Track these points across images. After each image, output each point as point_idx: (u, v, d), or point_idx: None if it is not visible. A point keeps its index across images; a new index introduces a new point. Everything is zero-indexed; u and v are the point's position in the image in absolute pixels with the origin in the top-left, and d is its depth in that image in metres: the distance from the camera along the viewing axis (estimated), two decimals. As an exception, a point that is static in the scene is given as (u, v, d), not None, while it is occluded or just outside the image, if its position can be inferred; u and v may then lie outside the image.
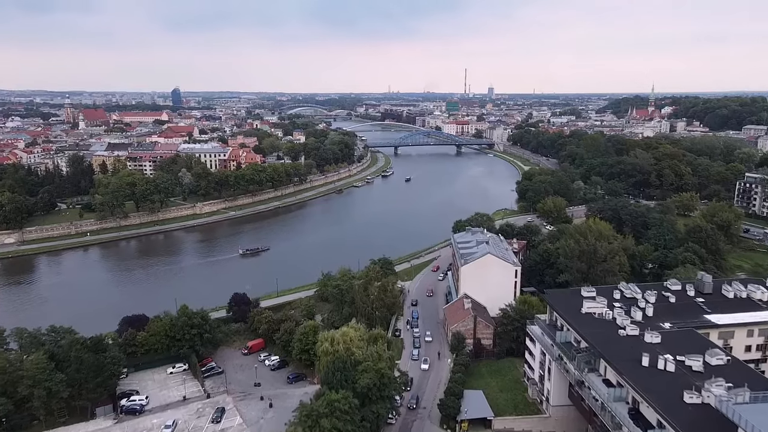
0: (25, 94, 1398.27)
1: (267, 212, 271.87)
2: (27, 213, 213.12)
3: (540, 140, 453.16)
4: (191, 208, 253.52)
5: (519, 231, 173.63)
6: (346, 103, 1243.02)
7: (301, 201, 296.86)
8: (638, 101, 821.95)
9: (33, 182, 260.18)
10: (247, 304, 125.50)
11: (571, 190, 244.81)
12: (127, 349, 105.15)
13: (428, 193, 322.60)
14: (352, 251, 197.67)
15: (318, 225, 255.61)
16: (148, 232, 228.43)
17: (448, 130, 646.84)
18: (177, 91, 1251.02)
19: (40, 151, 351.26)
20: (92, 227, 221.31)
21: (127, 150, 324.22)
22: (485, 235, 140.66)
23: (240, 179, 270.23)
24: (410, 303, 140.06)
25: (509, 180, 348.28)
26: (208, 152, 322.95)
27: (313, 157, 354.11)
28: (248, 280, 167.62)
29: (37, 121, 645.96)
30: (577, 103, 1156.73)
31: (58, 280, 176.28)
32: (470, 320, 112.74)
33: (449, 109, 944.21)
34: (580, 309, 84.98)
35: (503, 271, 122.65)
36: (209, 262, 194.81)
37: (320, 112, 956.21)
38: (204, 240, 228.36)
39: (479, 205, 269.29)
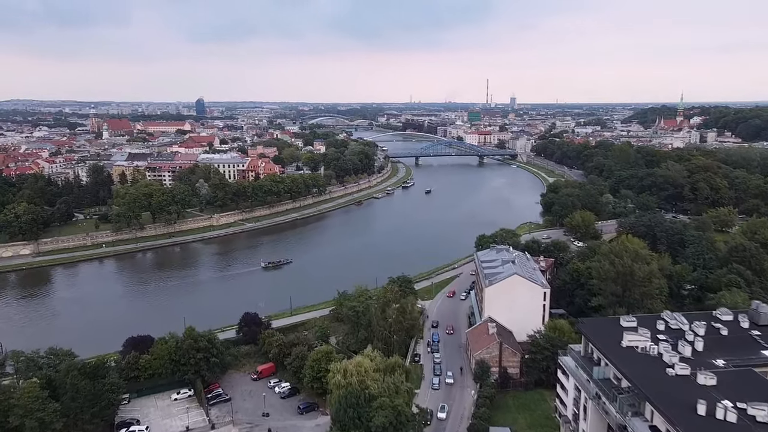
0: (56, 104, 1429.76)
1: (285, 224, 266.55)
2: (43, 224, 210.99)
3: (565, 151, 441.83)
4: (208, 219, 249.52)
5: (546, 248, 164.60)
6: (368, 113, 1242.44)
7: (320, 213, 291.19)
8: (665, 111, 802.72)
9: (52, 192, 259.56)
10: (258, 325, 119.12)
11: (599, 203, 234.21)
12: (130, 373, 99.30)
13: (449, 205, 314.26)
14: (370, 266, 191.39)
15: (336, 238, 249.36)
16: (164, 244, 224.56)
17: (470, 140, 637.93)
18: (201, 101, 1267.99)
19: (62, 160, 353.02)
20: (108, 239, 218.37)
21: (146, 160, 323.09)
22: (511, 253, 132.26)
23: (258, 190, 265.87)
24: (430, 324, 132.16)
25: (533, 192, 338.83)
26: (226, 162, 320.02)
27: (332, 168, 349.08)
28: (263, 296, 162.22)
29: (63, 130, 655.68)
30: (602, 113, 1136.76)
31: (70, 294, 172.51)
32: (495, 347, 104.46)
33: (471, 119, 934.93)
34: (620, 341, 76.19)
35: (531, 294, 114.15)
36: (228, 276, 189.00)
37: (341, 122, 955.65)
38: (221, 252, 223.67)
39: (502, 218, 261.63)
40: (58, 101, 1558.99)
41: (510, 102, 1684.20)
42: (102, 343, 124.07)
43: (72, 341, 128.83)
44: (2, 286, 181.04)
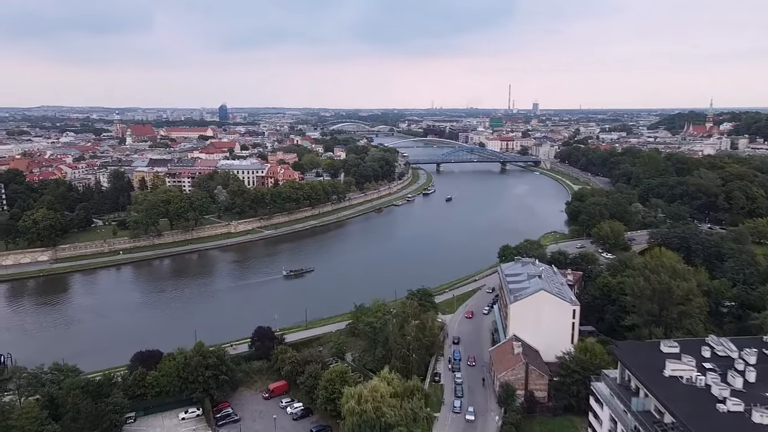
0: (84, 111, 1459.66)
1: (304, 231, 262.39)
2: (61, 230, 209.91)
3: (590, 157, 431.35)
4: (226, 226, 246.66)
5: (573, 260, 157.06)
6: (389, 119, 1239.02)
7: (340, 220, 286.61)
8: (693, 117, 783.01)
9: (73, 198, 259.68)
10: (271, 340, 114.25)
11: (628, 213, 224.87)
12: (136, 390, 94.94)
13: (471, 213, 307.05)
14: (390, 276, 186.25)
15: (356, 246, 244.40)
16: (181, 251, 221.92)
17: (492, 146, 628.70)
18: (224, 107, 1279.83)
19: (85, 166, 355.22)
20: (125, 245, 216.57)
21: (167, 166, 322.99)
22: (537, 267, 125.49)
23: (276, 197, 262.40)
24: (451, 341, 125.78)
25: (557, 200, 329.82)
26: (246, 169, 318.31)
27: (352, 174, 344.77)
28: (280, 307, 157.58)
29: (89, 136, 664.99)
30: (627, 119, 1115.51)
31: (86, 302, 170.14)
32: (521, 368, 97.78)
33: (493, 125, 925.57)
34: (661, 370, 69.18)
35: (559, 311, 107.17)
36: (247, 285, 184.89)
37: (362, 128, 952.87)
38: (238, 260, 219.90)
39: (526, 227, 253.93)
40: (86, 107, 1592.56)
41: (532, 108, 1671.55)
42: (111, 356, 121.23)
43: (82, 352, 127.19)
44: (20, 293, 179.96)
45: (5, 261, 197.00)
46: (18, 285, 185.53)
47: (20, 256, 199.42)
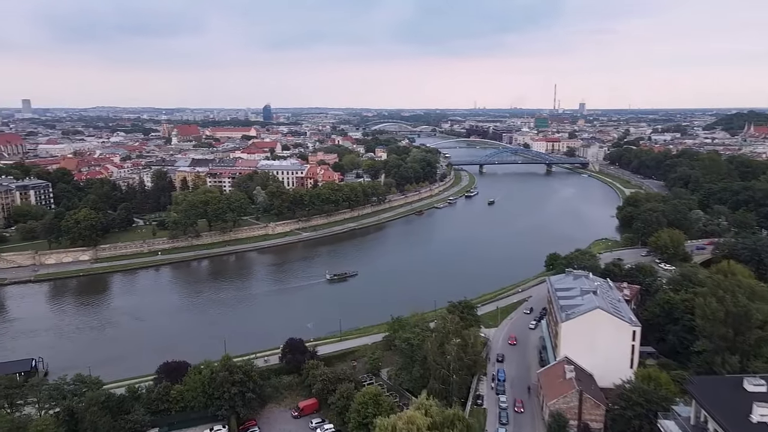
0: (135, 111, 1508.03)
1: (342, 234, 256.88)
2: (102, 230, 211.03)
3: (642, 160, 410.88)
4: (264, 228, 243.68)
5: (629, 272, 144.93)
6: (431, 119, 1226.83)
7: (379, 222, 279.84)
8: (754, 117, 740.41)
9: (116, 197, 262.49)
10: (303, 353, 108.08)
11: (688, 220, 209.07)
12: (160, 405, 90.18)
13: (515, 217, 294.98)
14: (429, 282, 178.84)
15: (395, 250, 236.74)
16: (219, 253, 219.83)
17: (537, 147, 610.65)
18: (268, 107, 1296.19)
19: (130, 165, 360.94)
20: (164, 246, 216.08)
21: (208, 166, 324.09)
22: (591, 281, 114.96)
23: (315, 198, 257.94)
24: (495, 359, 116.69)
25: (608, 204, 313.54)
26: (285, 169, 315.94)
27: (393, 176, 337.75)
28: (317, 314, 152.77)
29: (138, 136, 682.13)
30: (680, 119, 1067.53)
31: (123, 303, 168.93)
32: (574, 396, 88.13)
33: (538, 126, 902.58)
34: (747, 414, 59.02)
35: (617, 332, 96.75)
36: (289, 289, 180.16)
37: (404, 128, 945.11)
38: (276, 263, 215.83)
39: (574, 234, 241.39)
40: (138, 108, 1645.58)
41: (579, 108, 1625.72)
42: (140, 363, 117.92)
43: (112, 359, 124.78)
44: (61, 293, 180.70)
45: (48, 260, 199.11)
46: (60, 284, 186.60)
47: (62, 255, 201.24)
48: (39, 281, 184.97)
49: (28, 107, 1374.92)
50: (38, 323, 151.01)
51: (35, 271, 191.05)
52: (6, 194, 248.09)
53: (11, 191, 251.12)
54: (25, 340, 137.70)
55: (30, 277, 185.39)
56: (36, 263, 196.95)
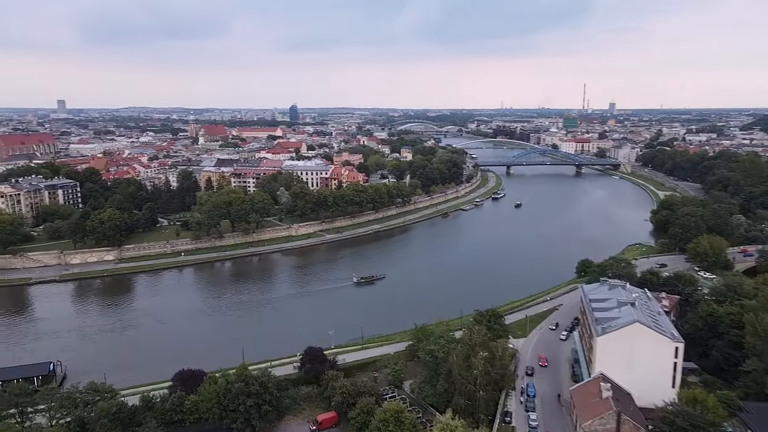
0: (166, 111, 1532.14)
1: (366, 236, 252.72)
2: (127, 230, 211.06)
3: (677, 161, 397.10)
4: (287, 229, 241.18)
5: (667, 281, 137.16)
6: (458, 119, 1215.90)
7: (404, 224, 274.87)
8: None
9: (142, 197, 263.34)
10: (322, 362, 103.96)
11: (729, 225, 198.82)
12: (174, 415, 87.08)
13: (543, 219, 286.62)
14: (454, 287, 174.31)
15: (420, 253, 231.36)
16: (242, 254, 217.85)
17: (566, 148, 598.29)
18: (294, 107, 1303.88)
19: (157, 165, 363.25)
20: (187, 246, 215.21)
21: (233, 166, 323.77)
22: (628, 291, 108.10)
23: (339, 200, 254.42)
24: (524, 372, 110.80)
25: (641, 208, 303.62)
26: (310, 170, 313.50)
27: (418, 177, 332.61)
28: (339, 318, 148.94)
29: (166, 136, 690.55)
30: (715, 119, 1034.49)
31: (144, 305, 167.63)
32: (611, 417, 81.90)
33: (567, 126, 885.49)
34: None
35: (657, 348, 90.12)
36: (312, 292, 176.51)
37: (430, 128, 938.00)
38: (300, 265, 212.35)
39: (606, 238, 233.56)
40: (168, 108, 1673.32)
41: (609, 107, 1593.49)
42: (158, 369, 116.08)
43: (130, 364, 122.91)
44: (85, 293, 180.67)
45: (73, 259, 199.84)
46: (84, 284, 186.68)
47: (87, 255, 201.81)
48: (64, 281, 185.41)
49: (63, 108, 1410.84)
50: (61, 323, 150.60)
51: (67, 270, 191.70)
52: (35, 193, 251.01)
53: (40, 191, 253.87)
54: (47, 342, 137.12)
55: (55, 277, 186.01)
56: (61, 263, 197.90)
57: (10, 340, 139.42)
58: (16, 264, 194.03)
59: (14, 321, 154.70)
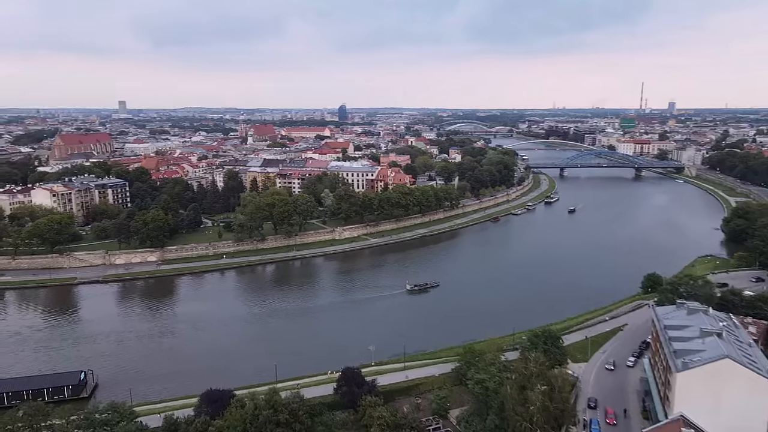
0: (219, 111, 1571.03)
1: (412, 241, 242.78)
2: (170, 231, 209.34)
3: (749, 165, 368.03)
4: (330, 232, 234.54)
5: (751, 302, 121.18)
6: (508, 120, 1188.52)
7: (452, 229, 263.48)
8: None
9: (188, 197, 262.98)
10: (360, 386, 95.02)
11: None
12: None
13: (600, 226, 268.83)
14: (505, 300, 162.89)
15: (468, 261, 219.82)
16: (284, 258, 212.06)
17: (623, 149, 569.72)
18: (343, 107, 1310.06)
19: (205, 165, 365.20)
20: (229, 249, 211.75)
21: (278, 166, 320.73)
22: (712, 318, 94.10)
23: (384, 203, 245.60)
24: (586, 404, 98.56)
25: (709, 215, 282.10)
26: (355, 171, 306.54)
27: (467, 179, 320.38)
28: (385, 330, 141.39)
29: (218, 135, 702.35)
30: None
31: (184, 310, 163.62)
32: (696, 472, 69.45)
33: (624, 126, 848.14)
34: None
35: (752, 389, 76.66)
36: (358, 300, 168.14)
37: (480, 129, 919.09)
38: (344, 271, 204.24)
39: (672, 248, 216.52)
40: (222, 108, 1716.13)
41: (668, 107, 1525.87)
42: (188, 381, 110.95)
43: (161, 375, 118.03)
44: (127, 295, 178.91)
45: (118, 260, 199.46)
46: (127, 286, 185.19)
47: (131, 255, 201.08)
48: (107, 282, 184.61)
49: (124, 108, 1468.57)
50: (100, 326, 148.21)
51: (111, 271, 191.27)
52: (85, 193, 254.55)
53: (90, 190, 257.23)
54: (84, 347, 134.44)
55: (99, 278, 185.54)
56: (106, 263, 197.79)
57: (50, 344, 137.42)
58: (63, 263, 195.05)
59: (56, 323, 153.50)
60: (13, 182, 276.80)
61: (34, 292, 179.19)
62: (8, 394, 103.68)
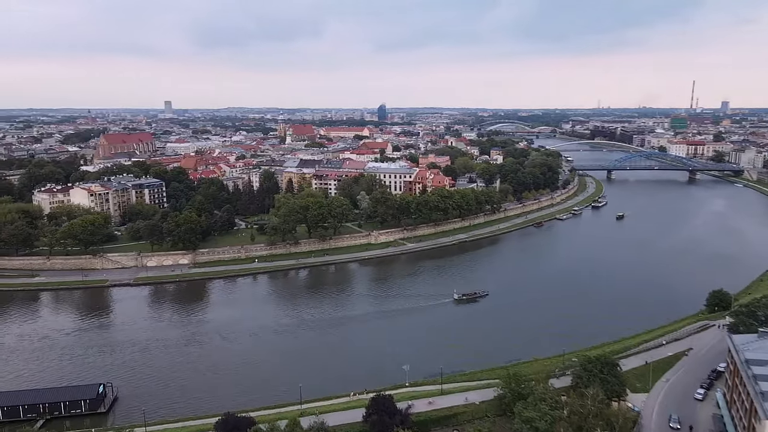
0: (261, 111, 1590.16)
1: (451, 246, 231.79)
2: (202, 233, 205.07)
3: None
4: (366, 236, 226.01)
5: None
6: (550, 120, 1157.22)
7: (493, 234, 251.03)
8: None
9: (222, 198, 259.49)
10: (392, 415, 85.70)
11: None
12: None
13: (654, 234, 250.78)
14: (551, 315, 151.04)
15: (512, 268, 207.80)
16: (317, 263, 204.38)
17: (675, 151, 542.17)
18: (383, 107, 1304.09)
19: (242, 165, 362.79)
20: (261, 252, 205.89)
21: (314, 167, 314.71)
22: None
23: (423, 206, 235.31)
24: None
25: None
26: (393, 172, 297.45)
27: (509, 181, 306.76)
28: (424, 343, 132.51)
29: (257, 135, 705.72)
30: None
31: (212, 317, 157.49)
32: None
33: (674, 126, 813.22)
34: None
35: None
36: (395, 311, 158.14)
37: (522, 129, 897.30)
38: (380, 278, 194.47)
39: (735, 261, 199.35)
40: (263, 108, 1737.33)
41: (721, 106, 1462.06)
42: (208, 401, 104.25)
43: (182, 392, 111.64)
44: (157, 299, 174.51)
45: (150, 262, 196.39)
46: (158, 289, 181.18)
47: (163, 258, 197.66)
48: (138, 285, 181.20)
49: (170, 108, 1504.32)
50: (126, 334, 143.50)
51: (143, 273, 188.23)
52: (122, 192, 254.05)
53: (127, 190, 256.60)
54: (108, 356, 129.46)
55: (129, 280, 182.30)
56: (138, 265, 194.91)
57: (75, 351, 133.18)
58: (96, 264, 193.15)
59: (84, 327, 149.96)
60: (56, 181, 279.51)
61: (67, 293, 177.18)
62: (24, 406, 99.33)
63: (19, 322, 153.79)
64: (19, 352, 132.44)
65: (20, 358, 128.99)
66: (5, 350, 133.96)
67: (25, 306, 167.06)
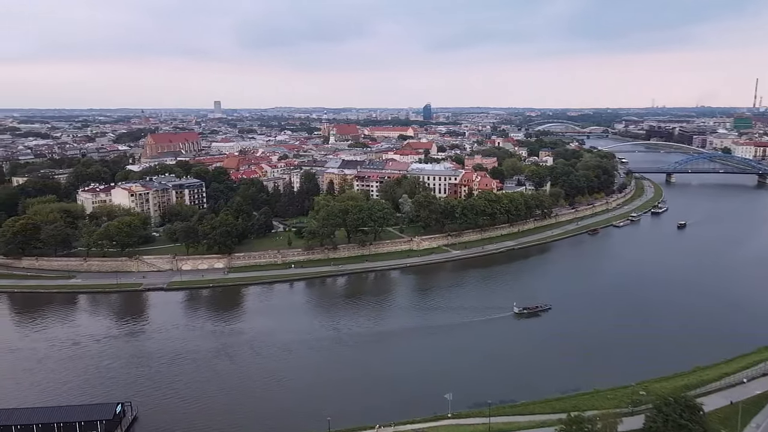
0: (307, 111, 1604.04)
1: (498, 254, 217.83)
2: (238, 237, 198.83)
3: None
4: (408, 242, 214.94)
5: None
6: (602, 119, 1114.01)
7: (543, 241, 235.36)
8: None
9: (261, 199, 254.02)
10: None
11: None
12: None
13: (720, 244, 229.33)
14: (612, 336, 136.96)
15: (564, 281, 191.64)
16: (356, 270, 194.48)
17: (741, 152, 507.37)
18: (428, 106, 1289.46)
19: (284, 165, 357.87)
20: (299, 257, 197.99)
21: (356, 168, 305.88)
22: None
23: (468, 211, 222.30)
24: None
25: None
26: (437, 174, 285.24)
27: (561, 185, 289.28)
28: (467, 369, 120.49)
29: (302, 134, 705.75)
30: None
31: (245, 327, 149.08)
32: None
33: (737, 127, 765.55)
34: None
35: None
36: (453, 325, 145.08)
37: (572, 129, 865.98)
38: (422, 288, 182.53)
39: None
40: (310, 108, 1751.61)
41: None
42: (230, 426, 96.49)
43: (204, 412, 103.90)
44: (190, 305, 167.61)
45: (185, 265, 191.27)
46: (192, 294, 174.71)
47: (198, 261, 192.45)
48: (171, 290, 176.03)
49: (219, 108, 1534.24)
50: (155, 343, 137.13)
51: (177, 277, 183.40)
52: (162, 193, 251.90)
53: (167, 190, 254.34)
54: (133, 369, 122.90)
55: (163, 285, 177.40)
56: (173, 268, 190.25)
57: (102, 362, 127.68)
58: (131, 267, 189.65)
59: (115, 333, 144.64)
60: (102, 180, 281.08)
61: (103, 297, 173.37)
62: (38, 425, 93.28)
63: (53, 327, 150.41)
64: (47, 361, 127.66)
65: (46, 368, 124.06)
66: (34, 358, 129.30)
67: (61, 309, 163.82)
